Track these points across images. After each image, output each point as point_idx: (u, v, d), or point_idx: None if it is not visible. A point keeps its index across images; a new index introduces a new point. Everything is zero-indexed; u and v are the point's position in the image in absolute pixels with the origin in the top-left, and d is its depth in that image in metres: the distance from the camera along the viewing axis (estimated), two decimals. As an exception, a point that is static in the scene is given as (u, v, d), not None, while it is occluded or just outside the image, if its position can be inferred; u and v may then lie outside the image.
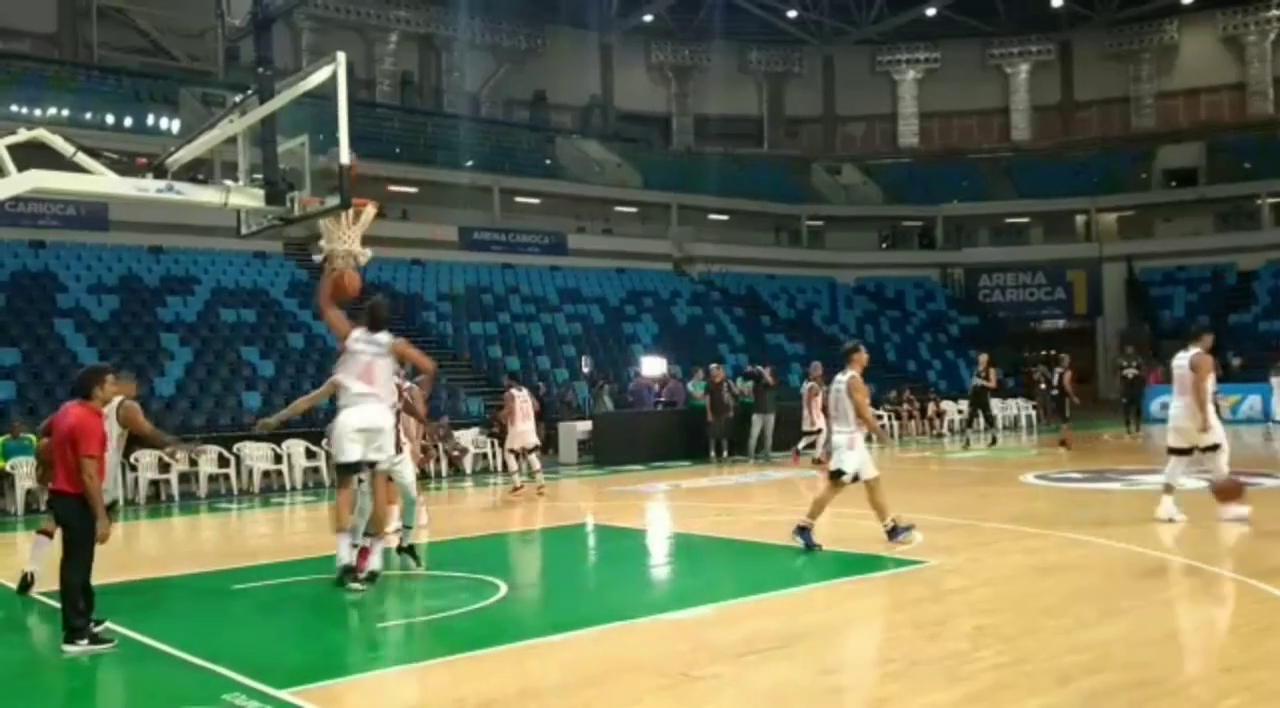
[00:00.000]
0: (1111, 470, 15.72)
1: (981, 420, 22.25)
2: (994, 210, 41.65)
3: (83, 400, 6.90)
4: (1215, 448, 10.20)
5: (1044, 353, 37.31)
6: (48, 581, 7.21)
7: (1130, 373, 22.98)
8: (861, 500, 10.76)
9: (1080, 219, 41.43)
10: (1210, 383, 10.17)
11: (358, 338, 8.25)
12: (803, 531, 9.39)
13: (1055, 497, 13.37)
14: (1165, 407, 23.69)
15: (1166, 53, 43.41)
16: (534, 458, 15.21)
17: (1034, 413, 27.89)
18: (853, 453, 9.47)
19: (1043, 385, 30.55)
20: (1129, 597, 7.32)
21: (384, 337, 8.28)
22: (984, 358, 21.68)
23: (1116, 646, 6.03)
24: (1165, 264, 38.38)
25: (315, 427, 17.88)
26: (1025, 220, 42.29)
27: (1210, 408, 10.12)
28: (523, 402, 15.48)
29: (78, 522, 6.78)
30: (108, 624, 6.84)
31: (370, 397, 8.15)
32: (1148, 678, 5.48)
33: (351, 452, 8.09)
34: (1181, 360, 10.36)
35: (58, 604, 6.88)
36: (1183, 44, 43.20)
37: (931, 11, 40.45)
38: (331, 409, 8.95)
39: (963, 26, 42.53)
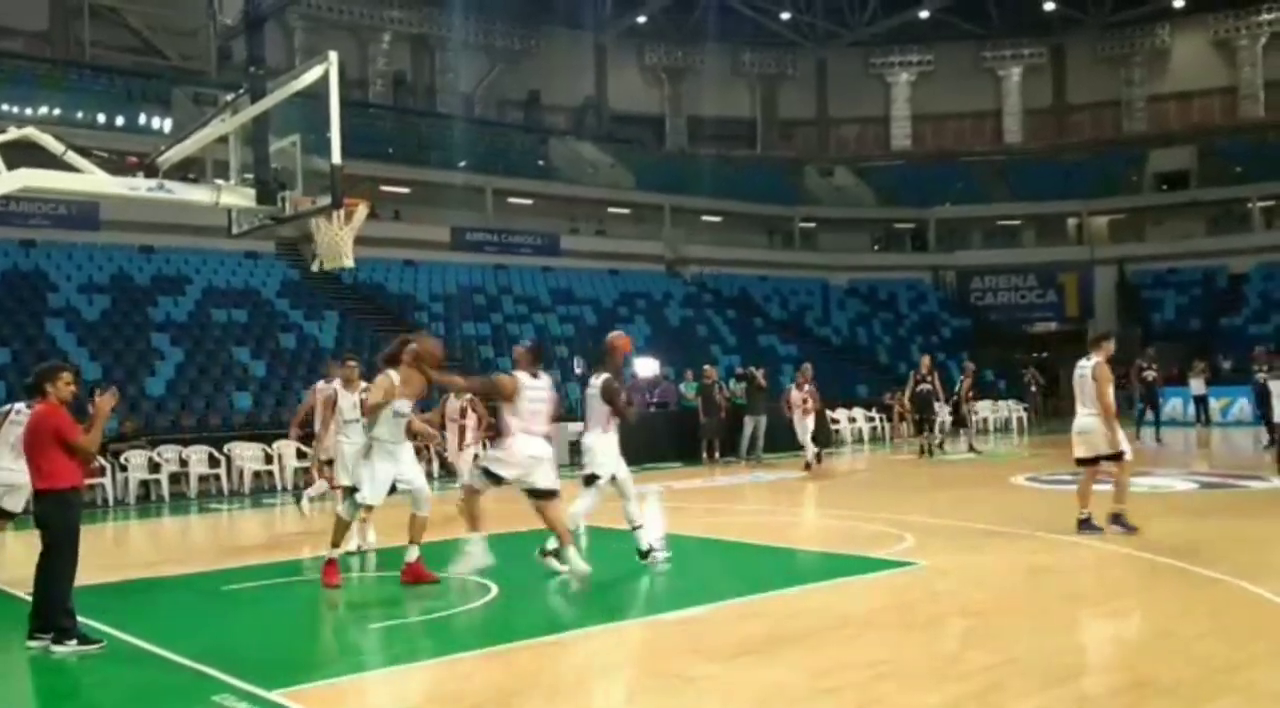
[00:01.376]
0: (1102, 473, 15.71)
1: (929, 425, 20.64)
2: (986, 213, 41.72)
3: (41, 398, 6.95)
4: None
5: (1033, 354, 37.50)
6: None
7: (1150, 375, 22.56)
8: (855, 501, 10.85)
9: (1072, 222, 41.55)
10: None
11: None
12: (1086, 523, 9.75)
13: (1046, 498, 13.39)
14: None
15: (1158, 56, 43.58)
16: None
17: (1025, 415, 27.95)
18: (1117, 434, 9.72)
19: (1033, 388, 30.67)
20: (1121, 598, 7.34)
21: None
22: (925, 360, 21.23)
23: (1108, 646, 6.05)
24: (1156, 267, 38.50)
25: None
26: (1017, 223, 42.39)
27: None
28: None
29: (60, 520, 6.77)
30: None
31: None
32: (1140, 679, 5.48)
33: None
34: None
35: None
36: (1174, 48, 43.35)
37: (924, 14, 40.56)
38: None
39: (955, 29, 42.63)
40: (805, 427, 18.14)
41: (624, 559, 10.05)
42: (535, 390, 8.21)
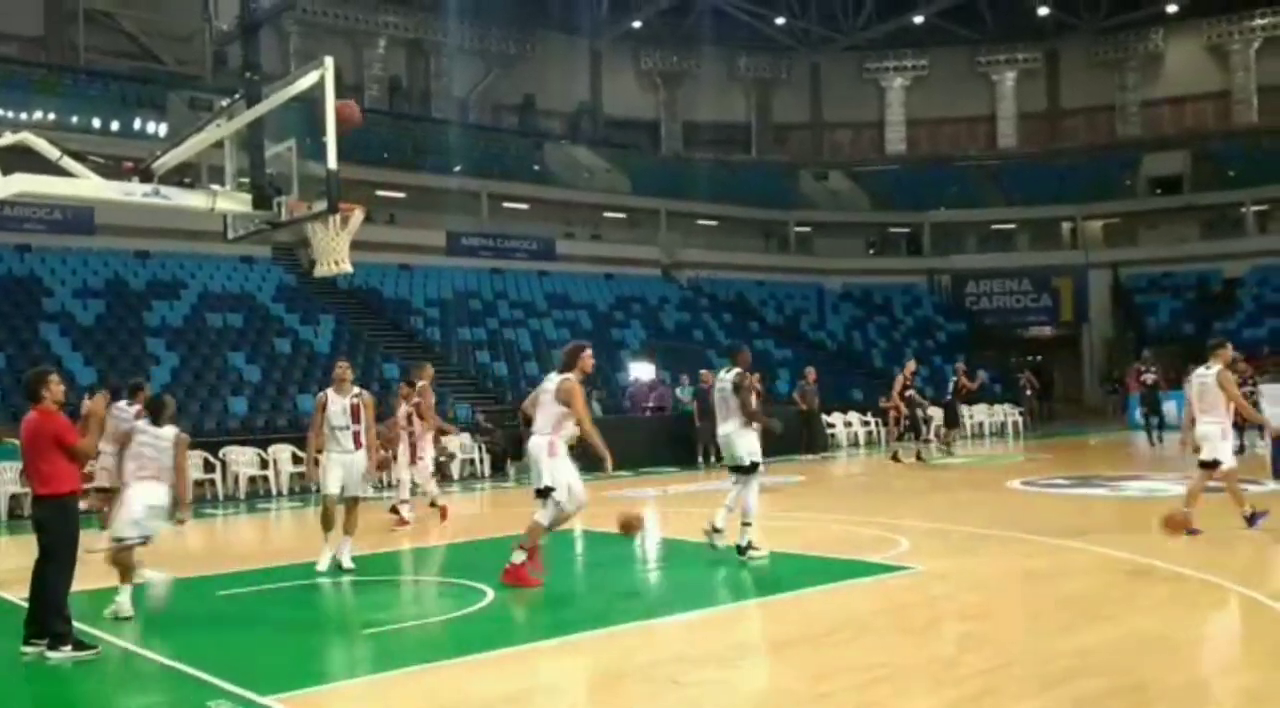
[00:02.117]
0: (1097, 477, 15.78)
1: (917, 431, 20.29)
2: (981, 217, 41.80)
3: (36, 404, 6.94)
4: None
5: (1028, 358, 37.59)
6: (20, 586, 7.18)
7: (1150, 378, 22.00)
8: (851, 505, 10.83)
9: (1066, 226, 41.63)
10: None
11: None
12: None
13: (1041, 502, 13.41)
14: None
15: (1152, 61, 43.70)
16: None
17: (1020, 419, 28.00)
18: (1226, 443, 9.80)
19: (1028, 392, 30.71)
20: (1115, 602, 7.35)
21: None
22: (911, 364, 21.12)
23: (1103, 651, 6.05)
24: (1151, 271, 38.60)
25: (302, 432, 17.84)
26: (1012, 227, 42.46)
27: None
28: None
29: (58, 525, 6.77)
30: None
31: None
32: (1134, 683, 5.50)
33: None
34: None
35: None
36: (1168, 53, 43.48)
37: (919, 19, 40.65)
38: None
39: (950, 34, 42.71)
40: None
41: (618, 564, 10.05)
42: (145, 435, 8.01)
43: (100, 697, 6.23)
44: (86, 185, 7.55)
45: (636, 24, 41.73)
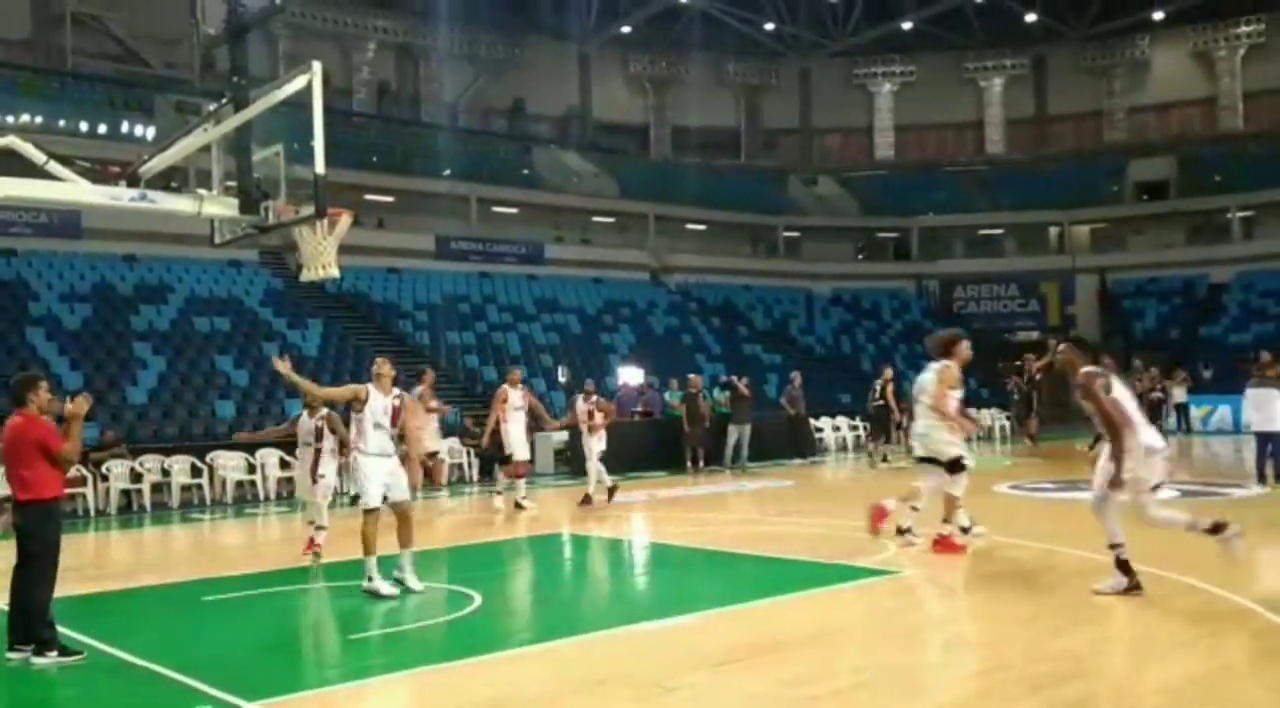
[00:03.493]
0: (1084, 481, 15.79)
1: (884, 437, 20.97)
2: (968, 222, 41.98)
3: (20, 408, 6.89)
4: None
5: (1016, 363, 37.66)
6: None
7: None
8: (838, 509, 10.81)
9: (1053, 231, 41.83)
10: None
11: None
12: None
13: (1028, 507, 13.45)
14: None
15: (1138, 67, 43.95)
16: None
17: (1008, 422, 28.09)
18: None
19: (1015, 396, 30.77)
20: (1099, 607, 7.38)
21: None
22: (887, 373, 21.20)
23: (1088, 655, 6.09)
24: (1137, 276, 38.80)
25: (290, 436, 17.75)
26: (999, 232, 42.65)
27: None
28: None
29: (43, 531, 6.74)
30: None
31: None
32: (1118, 686, 5.52)
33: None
34: None
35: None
36: (1154, 59, 43.73)
37: (907, 25, 40.81)
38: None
39: (938, 40, 42.91)
40: (592, 448, 15.19)
41: (604, 569, 10.04)
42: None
43: (86, 703, 6.21)
44: (73, 189, 7.53)
45: (626, 29, 41.78)
